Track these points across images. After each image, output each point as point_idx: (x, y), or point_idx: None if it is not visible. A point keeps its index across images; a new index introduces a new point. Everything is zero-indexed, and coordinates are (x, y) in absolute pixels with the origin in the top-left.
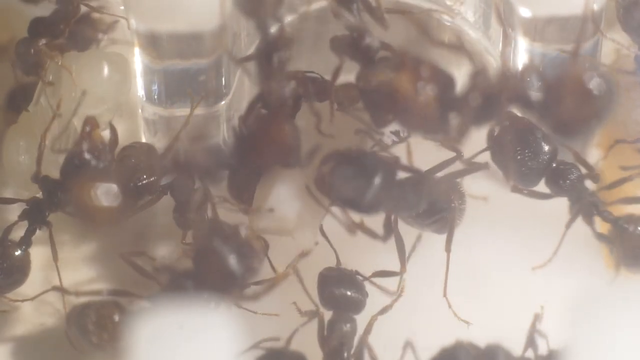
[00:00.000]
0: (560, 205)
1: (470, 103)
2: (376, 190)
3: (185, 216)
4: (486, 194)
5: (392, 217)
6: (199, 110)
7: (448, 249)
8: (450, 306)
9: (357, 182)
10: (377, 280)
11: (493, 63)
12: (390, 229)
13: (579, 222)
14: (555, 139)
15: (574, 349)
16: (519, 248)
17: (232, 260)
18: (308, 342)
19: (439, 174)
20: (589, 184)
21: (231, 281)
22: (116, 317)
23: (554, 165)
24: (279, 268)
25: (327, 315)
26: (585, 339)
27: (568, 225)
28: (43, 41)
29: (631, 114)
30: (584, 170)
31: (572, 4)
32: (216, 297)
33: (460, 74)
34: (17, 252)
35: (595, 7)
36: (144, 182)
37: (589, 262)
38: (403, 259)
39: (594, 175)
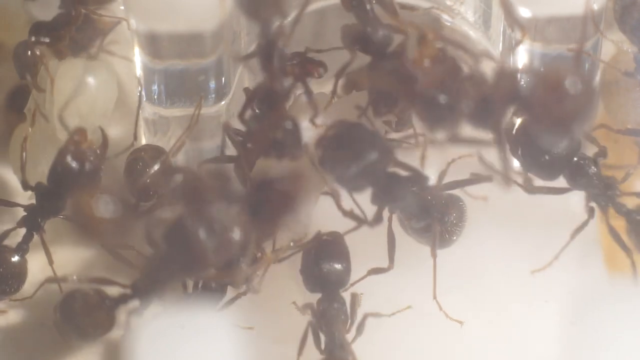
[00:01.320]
0: (559, 204)
1: (463, 108)
2: (361, 168)
3: None
4: (485, 194)
5: (389, 214)
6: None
7: (433, 253)
8: (441, 308)
9: (347, 152)
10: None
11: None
12: (379, 218)
13: (579, 221)
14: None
15: (574, 349)
16: (518, 248)
17: (202, 235)
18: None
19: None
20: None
21: (202, 258)
22: (101, 304)
23: (575, 159)
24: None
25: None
26: (585, 339)
27: (584, 223)
28: (42, 45)
29: (631, 114)
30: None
31: (572, 4)
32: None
33: None
34: (14, 259)
35: (595, 7)
36: (152, 185)
37: (589, 261)
38: (392, 255)
39: (603, 151)
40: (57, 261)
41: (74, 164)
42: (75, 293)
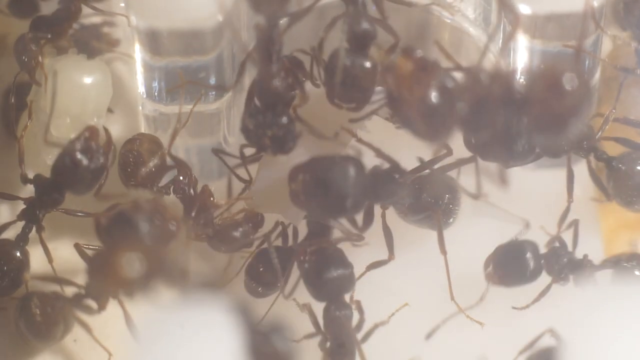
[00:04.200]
0: (560, 200)
1: (458, 111)
2: (355, 186)
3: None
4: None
5: (381, 211)
6: (200, 107)
7: (442, 251)
8: (461, 310)
9: (334, 186)
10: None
11: (492, 60)
12: (369, 221)
13: (579, 218)
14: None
15: (574, 348)
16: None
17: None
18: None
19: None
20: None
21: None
22: (55, 304)
23: None
24: None
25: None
26: (585, 338)
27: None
28: (42, 40)
29: (631, 111)
30: None
31: (572, 1)
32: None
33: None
34: (14, 251)
35: (595, 3)
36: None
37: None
38: (391, 246)
39: None
40: (56, 259)
41: (81, 159)
42: (33, 294)
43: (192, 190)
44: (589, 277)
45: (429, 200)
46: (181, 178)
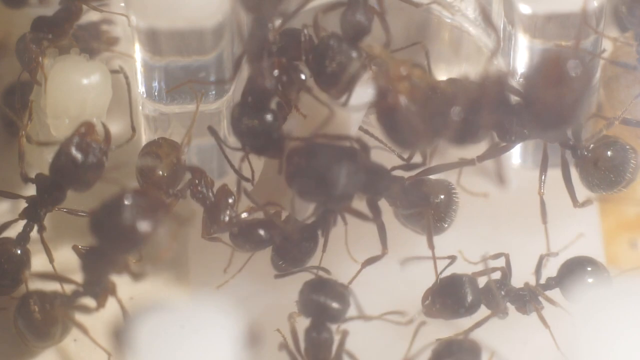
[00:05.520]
0: (559, 201)
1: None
2: (345, 176)
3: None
4: (485, 191)
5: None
6: (200, 107)
7: (430, 245)
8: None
9: (325, 172)
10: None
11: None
12: (377, 212)
13: (579, 218)
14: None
15: (574, 349)
16: (514, 245)
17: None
18: None
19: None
20: None
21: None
22: (53, 302)
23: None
24: None
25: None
26: (585, 338)
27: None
28: (43, 40)
29: (631, 111)
30: None
31: (572, 0)
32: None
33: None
34: (16, 250)
35: (595, 3)
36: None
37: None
38: (384, 240)
39: None
40: (57, 259)
41: (77, 156)
42: (32, 293)
43: (210, 193)
44: (534, 302)
45: (422, 197)
46: (196, 182)
